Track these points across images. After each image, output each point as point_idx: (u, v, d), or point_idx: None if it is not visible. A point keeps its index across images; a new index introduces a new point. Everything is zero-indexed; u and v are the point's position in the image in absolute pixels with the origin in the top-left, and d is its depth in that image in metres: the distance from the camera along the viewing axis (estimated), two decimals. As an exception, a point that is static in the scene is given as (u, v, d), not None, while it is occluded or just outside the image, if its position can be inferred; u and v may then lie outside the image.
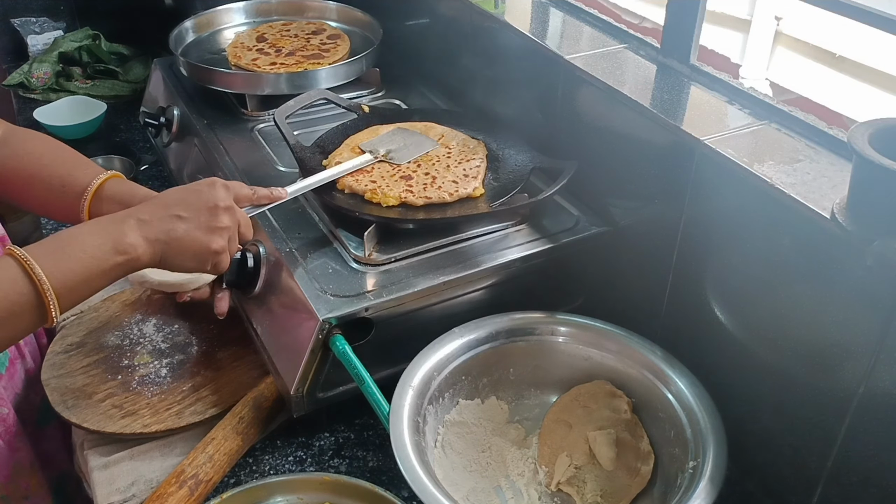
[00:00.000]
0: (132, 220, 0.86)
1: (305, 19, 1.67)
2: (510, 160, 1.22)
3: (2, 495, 1.09)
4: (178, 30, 1.56)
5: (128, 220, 0.86)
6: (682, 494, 0.84)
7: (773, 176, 0.86)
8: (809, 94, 1.48)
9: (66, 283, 0.80)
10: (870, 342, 0.79)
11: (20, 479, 1.11)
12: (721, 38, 1.73)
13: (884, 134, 0.74)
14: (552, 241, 1.10)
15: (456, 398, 1.01)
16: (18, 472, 1.10)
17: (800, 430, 0.90)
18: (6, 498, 1.10)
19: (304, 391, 1.00)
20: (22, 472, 1.11)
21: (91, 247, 0.82)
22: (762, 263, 0.90)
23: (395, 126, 1.27)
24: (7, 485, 1.09)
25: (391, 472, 1.00)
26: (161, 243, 0.87)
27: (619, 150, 1.10)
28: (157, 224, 0.87)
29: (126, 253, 0.84)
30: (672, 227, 1.02)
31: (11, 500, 1.11)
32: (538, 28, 1.26)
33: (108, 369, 1.12)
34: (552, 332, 1.03)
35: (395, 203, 1.10)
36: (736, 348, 0.97)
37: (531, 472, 0.97)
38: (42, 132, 1.73)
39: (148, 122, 1.53)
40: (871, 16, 0.83)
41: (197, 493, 0.94)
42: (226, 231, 0.91)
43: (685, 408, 0.92)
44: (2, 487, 1.09)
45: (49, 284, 0.78)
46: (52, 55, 1.92)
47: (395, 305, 1.00)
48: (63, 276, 0.80)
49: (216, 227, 0.90)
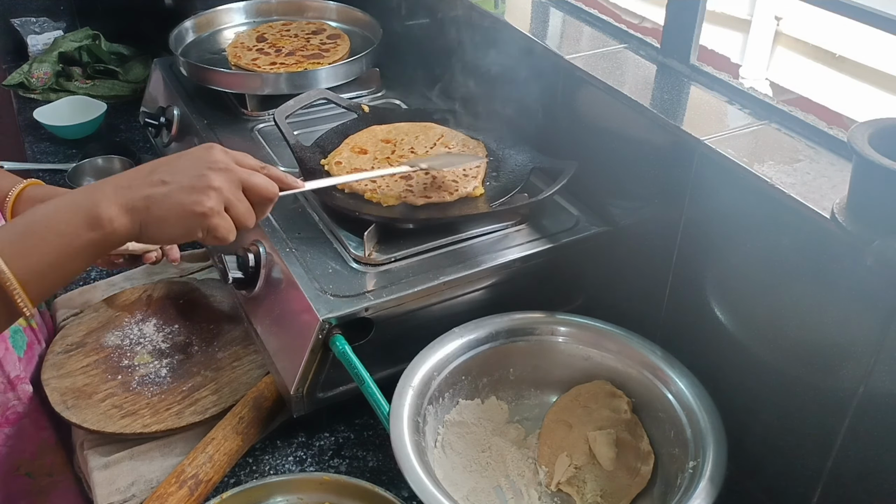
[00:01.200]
0: (108, 186, 0.75)
1: (305, 19, 1.67)
2: (510, 160, 1.22)
3: (27, 472, 1.11)
4: (178, 30, 1.56)
5: (103, 188, 0.75)
6: (682, 494, 0.84)
7: (773, 176, 0.86)
8: (809, 94, 1.48)
9: (34, 269, 0.71)
10: (870, 342, 0.79)
11: (45, 457, 1.12)
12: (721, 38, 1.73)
13: (884, 134, 0.74)
14: (552, 241, 1.10)
15: (456, 398, 1.01)
16: (44, 450, 1.12)
17: (800, 430, 0.90)
18: (32, 475, 1.12)
19: (304, 391, 1.00)
20: (47, 451, 1.12)
21: (60, 224, 0.72)
22: (762, 263, 0.90)
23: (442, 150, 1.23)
24: (33, 462, 1.10)
25: (391, 472, 1.00)
26: (139, 211, 0.74)
27: (619, 150, 1.10)
28: (136, 190, 0.75)
29: (100, 227, 0.73)
30: (672, 227, 1.02)
31: (36, 476, 1.12)
32: (538, 28, 1.26)
33: (108, 369, 1.12)
34: (552, 332, 1.03)
35: (395, 203, 1.10)
36: (736, 348, 0.97)
37: (531, 472, 0.97)
38: (42, 132, 1.75)
39: (148, 122, 1.53)
40: (871, 16, 0.83)
41: (197, 493, 0.94)
42: (215, 192, 0.77)
43: (685, 408, 0.92)
44: (28, 464, 1.10)
45: (12, 276, 0.69)
46: (52, 55, 1.92)
47: (395, 305, 1.00)
48: (29, 263, 0.70)
49: (202, 187, 0.76)
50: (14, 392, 1.09)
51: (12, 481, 1.11)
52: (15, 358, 1.10)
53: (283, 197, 1.16)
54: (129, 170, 0.79)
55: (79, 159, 1.58)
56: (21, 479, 1.12)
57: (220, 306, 1.23)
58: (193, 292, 1.26)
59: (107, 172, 1.58)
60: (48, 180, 1.59)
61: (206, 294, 1.26)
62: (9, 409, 1.09)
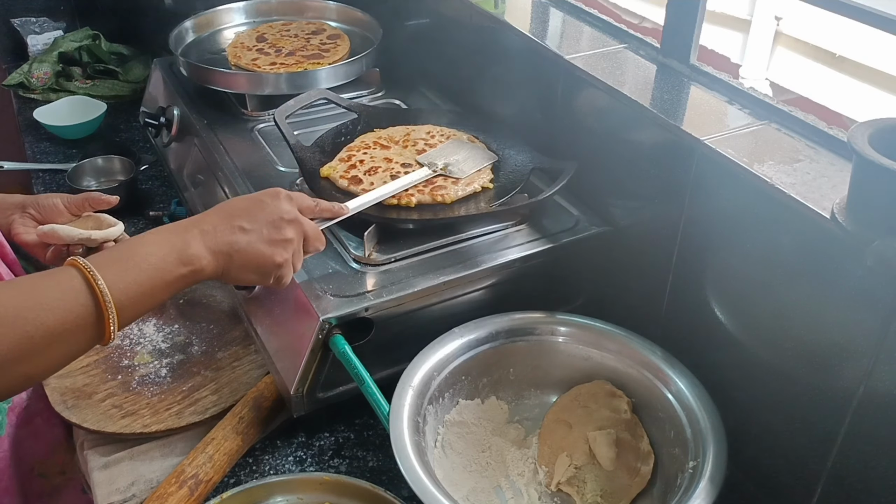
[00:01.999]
0: (196, 230, 0.83)
1: (305, 19, 1.67)
2: (510, 160, 1.22)
3: (41, 472, 1.11)
4: (178, 30, 1.56)
5: (191, 230, 0.83)
6: (682, 494, 0.84)
7: (773, 176, 0.86)
8: (809, 94, 1.48)
9: (129, 294, 0.76)
10: (870, 342, 0.79)
11: (57, 456, 1.13)
12: (721, 38, 1.73)
13: (884, 134, 0.74)
14: (552, 241, 1.10)
15: (456, 398, 1.01)
16: (55, 449, 1.12)
17: (800, 430, 0.90)
18: (45, 475, 1.12)
19: (304, 391, 1.00)
20: (59, 449, 1.13)
21: (155, 257, 0.79)
22: (762, 263, 0.90)
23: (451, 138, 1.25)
24: (46, 461, 1.11)
25: (391, 472, 1.00)
26: (224, 255, 0.84)
27: (619, 150, 1.10)
28: (220, 235, 0.84)
29: (191, 264, 0.81)
30: (672, 227, 1.02)
31: (49, 476, 1.13)
32: (538, 28, 1.26)
33: (108, 369, 1.12)
34: (552, 332, 1.03)
35: (395, 203, 1.10)
36: (736, 348, 0.97)
37: (531, 472, 0.97)
38: (42, 132, 1.75)
39: (148, 122, 1.53)
40: (871, 16, 0.83)
41: (197, 493, 0.94)
42: (290, 244, 0.88)
43: (685, 408, 0.92)
44: (41, 464, 1.10)
45: (111, 297, 0.74)
46: (52, 55, 1.92)
47: (395, 305, 1.00)
48: (126, 287, 0.76)
49: (280, 240, 0.87)
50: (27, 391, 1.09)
51: (28, 483, 1.10)
52: None
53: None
54: (206, 213, 0.87)
55: (79, 159, 1.58)
56: (36, 481, 1.12)
57: (220, 306, 1.23)
58: (193, 292, 1.26)
59: (107, 172, 1.59)
60: (48, 180, 1.60)
61: (206, 294, 1.26)
62: (23, 409, 1.09)
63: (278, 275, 0.89)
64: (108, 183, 1.56)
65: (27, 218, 0.99)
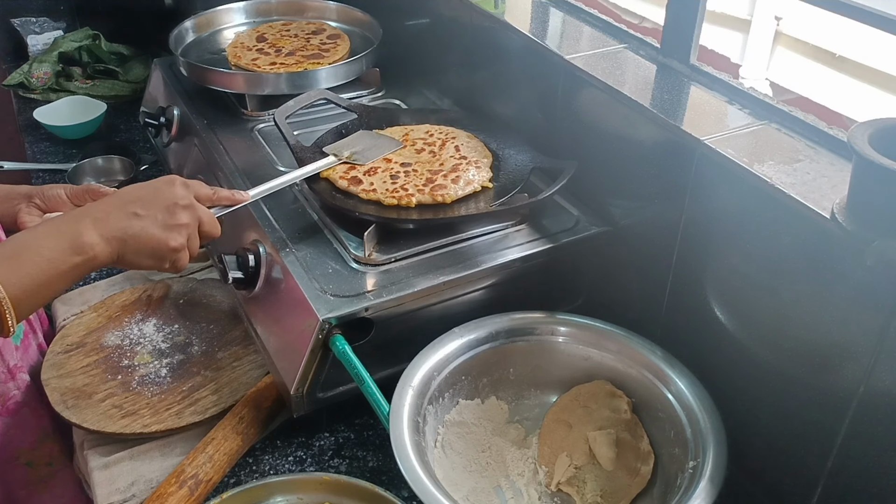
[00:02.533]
0: (87, 218, 0.85)
1: (305, 19, 1.67)
2: (510, 160, 1.22)
3: (28, 461, 1.12)
4: (178, 30, 1.56)
5: (83, 219, 0.84)
6: (682, 494, 0.84)
7: (773, 176, 0.86)
8: (809, 94, 1.48)
9: (23, 288, 0.78)
10: (870, 342, 0.79)
11: (45, 446, 1.13)
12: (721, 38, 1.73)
13: (884, 134, 0.74)
14: (552, 241, 1.10)
15: (456, 398, 1.01)
16: (43, 440, 1.13)
17: (800, 430, 0.90)
18: (32, 464, 1.13)
19: (304, 391, 1.00)
20: (46, 440, 1.14)
21: (47, 249, 0.80)
22: (762, 263, 0.90)
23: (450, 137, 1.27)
24: (33, 451, 1.12)
25: (391, 472, 1.00)
26: (118, 241, 0.85)
27: (619, 150, 1.10)
28: (113, 222, 0.85)
29: (83, 252, 0.82)
30: (672, 227, 1.02)
31: (36, 465, 1.14)
32: (538, 28, 1.26)
33: (108, 369, 1.12)
34: (552, 332, 1.03)
35: (394, 203, 1.10)
36: (736, 348, 0.97)
37: (531, 472, 0.97)
38: (42, 132, 1.75)
39: (148, 122, 1.53)
40: (871, 16, 0.83)
41: (197, 493, 0.94)
42: (184, 228, 0.90)
43: (685, 408, 0.92)
44: (28, 454, 1.12)
45: (5, 293, 0.76)
46: (52, 55, 1.92)
47: (395, 305, 1.00)
48: (20, 281, 0.78)
49: (174, 225, 0.89)
50: (14, 381, 1.10)
51: (10, 471, 1.12)
52: (12, 347, 1.11)
53: (283, 197, 1.18)
54: (100, 201, 0.89)
55: (79, 159, 1.58)
56: (20, 469, 1.13)
57: (220, 306, 1.23)
58: (193, 292, 1.26)
59: (107, 172, 1.59)
60: (48, 180, 1.60)
61: (206, 294, 1.26)
62: (9, 399, 1.10)
63: (174, 259, 0.91)
64: (108, 183, 1.56)
65: (33, 207, 1.00)
